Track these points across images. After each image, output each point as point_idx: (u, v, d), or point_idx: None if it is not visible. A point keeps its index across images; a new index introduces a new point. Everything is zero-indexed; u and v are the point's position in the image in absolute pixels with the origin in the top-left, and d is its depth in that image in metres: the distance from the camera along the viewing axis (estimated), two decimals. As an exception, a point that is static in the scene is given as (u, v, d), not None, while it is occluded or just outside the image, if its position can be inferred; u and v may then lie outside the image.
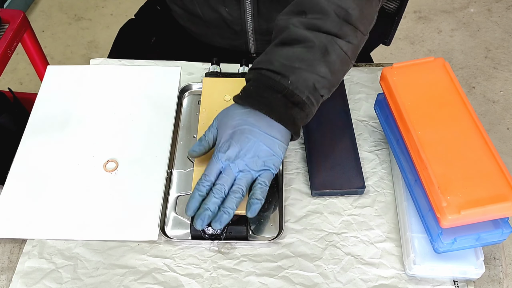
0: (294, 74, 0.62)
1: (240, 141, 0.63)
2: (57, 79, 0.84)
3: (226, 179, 0.63)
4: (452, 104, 0.65)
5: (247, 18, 0.85)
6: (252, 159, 0.63)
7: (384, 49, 1.90)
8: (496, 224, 0.59)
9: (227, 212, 0.62)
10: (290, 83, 0.62)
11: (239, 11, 0.85)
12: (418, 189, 0.64)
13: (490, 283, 0.65)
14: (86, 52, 2.00)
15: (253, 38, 0.90)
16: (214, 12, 0.87)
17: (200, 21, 0.92)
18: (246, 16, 0.85)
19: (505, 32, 2.06)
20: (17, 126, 1.29)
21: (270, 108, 0.63)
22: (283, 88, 0.62)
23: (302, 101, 0.63)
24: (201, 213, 0.62)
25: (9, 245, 0.68)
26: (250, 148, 0.63)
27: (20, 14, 1.20)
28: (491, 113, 1.81)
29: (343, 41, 0.64)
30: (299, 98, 0.62)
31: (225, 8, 0.85)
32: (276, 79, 0.63)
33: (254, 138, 0.63)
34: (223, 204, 0.63)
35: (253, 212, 0.62)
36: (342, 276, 0.64)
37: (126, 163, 0.74)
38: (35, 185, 0.72)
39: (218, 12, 0.86)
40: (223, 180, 0.63)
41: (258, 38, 0.90)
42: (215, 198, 0.62)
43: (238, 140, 0.63)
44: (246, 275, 0.64)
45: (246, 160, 0.63)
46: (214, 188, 0.63)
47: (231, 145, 0.64)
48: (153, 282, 0.64)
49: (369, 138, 0.77)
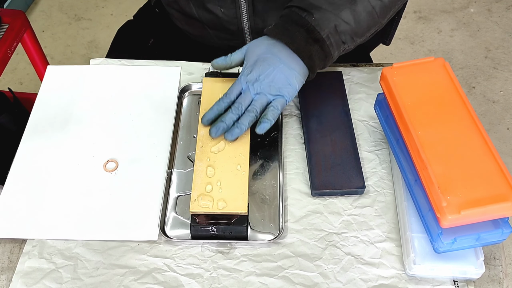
0: (319, 12, 0.69)
1: (261, 67, 0.71)
2: (57, 79, 0.84)
3: (244, 99, 0.71)
4: (452, 104, 0.65)
5: (243, 18, 0.86)
6: (269, 84, 0.70)
7: (384, 49, 1.90)
8: (496, 224, 0.59)
9: (240, 127, 0.69)
10: (314, 20, 0.69)
11: (235, 11, 0.85)
12: (418, 189, 0.64)
13: (490, 283, 0.65)
14: (86, 52, 2.00)
15: (250, 38, 0.90)
16: (209, 13, 0.87)
17: (197, 23, 0.92)
18: (241, 15, 0.85)
19: (505, 32, 2.06)
20: (17, 126, 1.29)
21: (291, 39, 0.69)
22: (306, 23, 0.69)
23: (321, 39, 0.69)
24: (217, 124, 0.70)
25: (9, 245, 0.68)
26: (269, 74, 0.70)
27: (20, 14, 1.20)
28: (491, 113, 1.81)
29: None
30: (319, 35, 0.69)
31: (220, 9, 0.85)
32: (302, 15, 0.70)
33: (273, 65, 0.70)
34: (237, 120, 0.70)
35: (261, 129, 0.69)
36: (342, 276, 0.64)
37: (126, 163, 0.74)
38: (35, 185, 0.72)
39: (214, 13, 0.86)
40: (242, 100, 0.71)
41: (255, 37, 0.90)
42: (232, 114, 0.70)
43: (260, 66, 0.71)
44: (246, 275, 0.64)
45: (263, 84, 0.70)
46: (232, 106, 0.71)
47: (253, 70, 0.71)
48: (153, 282, 0.64)
49: (369, 138, 0.77)
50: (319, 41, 0.69)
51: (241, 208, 0.66)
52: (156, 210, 0.69)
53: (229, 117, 0.70)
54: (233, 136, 0.70)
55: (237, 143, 0.71)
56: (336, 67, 0.86)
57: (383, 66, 0.84)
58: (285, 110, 0.80)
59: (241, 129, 0.69)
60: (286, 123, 0.79)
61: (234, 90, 0.72)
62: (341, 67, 0.86)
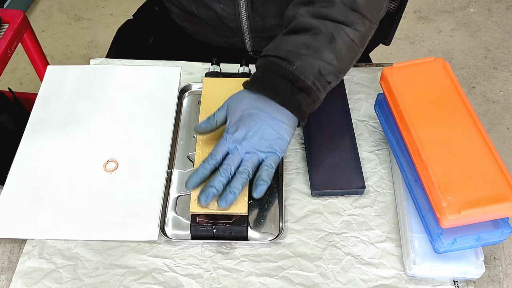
0: (299, 59, 0.64)
1: (248, 124, 0.66)
2: (57, 79, 0.84)
3: (233, 159, 0.65)
4: (452, 104, 0.65)
5: (242, 15, 0.86)
6: (259, 141, 0.65)
7: (384, 49, 1.90)
8: (496, 224, 0.59)
9: (233, 192, 0.63)
10: (296, 69, 0.64)
11: (233, 7, 0.85)
12: (418, 189, 0.64)
13: (490, 283, 0.65)
14: (86, 52, 2.00)
15: (249, 36, 0.90)
16: (208, 9, 0.87)
17: (196, 20, 0.92)
18: (240, 12, 0.85)
19: (505, 32, 2.06)
20: (17, 126, 1.29)
21: (275, 93, 0.65)
22: (288, 73, 0.64)
23: (307, 86, 0.64)
24: (205, 190, 0.64)
25: (9, 245, 0.68)
26: (257, 130, 0.65)
27: (20, 14, 1.20)
28: (491, 113, 1.81)
29: (349, 29, 0.66)
30: (304, 83, 0.64)
31: (219, 5, 0.85)
32: (282, 65, 0.65)
33: (261, 121, 0.65)
34: (229, 184, 0.64)
35: (259, 193, 0.64)
36: (342, 276, 0.64)
37: (126, 163, 0.74)
38: (35, 185, 0.72)
39: (213, 9, 0.86)
40: (230, 161, 0.65)
41: (254, 35, 0.90)
42: (221, 177, 0.64)
43: (245, 123, 0.66)
44: (246, 275, 0.64)
45: (253, 142, 0.65)
46: (220, 168, 0.65)
47: (238, 128, 0.66)
48: (153, 282, 0.64)
49: (369, 138, 0.77)
50: (305, 89, 0.64)
51: (241, 208, 0.66)
52: (156, 210, 0.69)
53: (218, 180, 0.63)
54: (227, 203, 0.63)
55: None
56: (336, 67, 0.86)
57: (383, 66, 0.84)
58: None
59: (235, 193, 0.63)
60: (286, 123, 0.79)
61: (219, 150, 0.66)
62: (341, 67, 0.86)
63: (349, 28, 0.66)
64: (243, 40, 0.91)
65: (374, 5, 0.68)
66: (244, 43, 0.92)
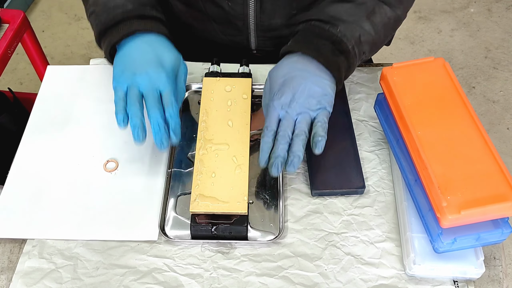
0: (343, 24, 0.69)
1: (292, 86, 0.67)
2: (57, 79, 0.84)
3: (287, 124, 0.66)
4: (452, 104, 0.65)
5: (250, 13, 0.86)
6: (307, 100, 0.66)
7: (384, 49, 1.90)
8: (496, 224, 0.59)
9: (297, 156, 0.64)
10: (339, 31, 0.68)
11: (242, 6, 0.85)
12: (418, 189, 0.64)
13: (490, 283, 0.65)
14: (86, 52, 2.00)
15: (255, 35, 0.90)
16: (216, 7, 0.87)
17: (202, 16, 0.92)
18: (248, 11, 0.85)
19: (505, 32, 2.06)
20: (17, 126, 1.29)
21: (318, 52, 0.67)
22: (331, 35, 0.68)
23: (347, 50, 0.68)
24: (273, 162, 0.64)
25: (9, 245, 0.68)
26: (303, 90, 0.66)
27: (20, 14, 1.20)
28: (491, 113, 1.81)
29: (388, 8, 0.72)
30: (346, 46, 0.68)
31: (228, 3, 0.85)
32: (325, 27, 0.69)
33: (305, 81, 0.67)
34: (290, 149, 0.65)
35: (319, 149, 0.65)
36: (342, 276, 0.64)
37: (126, 163, 0.74)
38: (35, 185, 0.72)
39: (221, 7, 0.86)
40: (285, 126, 0.66)
41: (260, 34, 0.90)
42: (282, 145, 0.65)
43: (290, 86, 0.67)
44: (246, 275, 0.64)
45: (301, 103, 0.66)
46: (278, 136, 0.65)
47: (284, 92, 0.67)
48: (153, 282, 0.64)
49: (369, 138, 0.77)
50: (344, 52, 0.68)
51: (241, 208, 0.66)
52: (156, 210, 0.69)
53: (280, 148, 0.64)
54: (295, 168, 0.64)
55: (237, 143, 0.71)
56: (336, 67, 0.86)
57: (383, 66, 0.84)
58: (285, 110, 0.80)
59: (299, 157, 0.64)
60: (286, 123, 0.79)
61: (272, 119, 0.67)
62: (341, 67, 0.86)
63: (388, 8, 0.72)
64: (248, 38, 0.91)
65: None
66: (249, 42, 0.92)
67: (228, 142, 0.71)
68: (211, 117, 0.74)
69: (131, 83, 0.68)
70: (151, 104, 0.67)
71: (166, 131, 0.67)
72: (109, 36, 0.72)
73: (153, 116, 0.66)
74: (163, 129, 0.67)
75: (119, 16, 0.72)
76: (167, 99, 0.68)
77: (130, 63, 0.70)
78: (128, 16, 0.72)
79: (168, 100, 0.68)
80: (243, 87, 0.78)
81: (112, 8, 0.73)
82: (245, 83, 0.78)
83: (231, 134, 0.72)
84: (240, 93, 0.77)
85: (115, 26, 0.72)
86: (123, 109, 0.67)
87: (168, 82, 0.69)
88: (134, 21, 0.72)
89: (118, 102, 0.68)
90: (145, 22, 0.73)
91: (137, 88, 0.68)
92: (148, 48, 0.71)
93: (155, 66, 0.69)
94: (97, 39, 0.75)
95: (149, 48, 0.71)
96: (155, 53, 0.71)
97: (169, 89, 0.69)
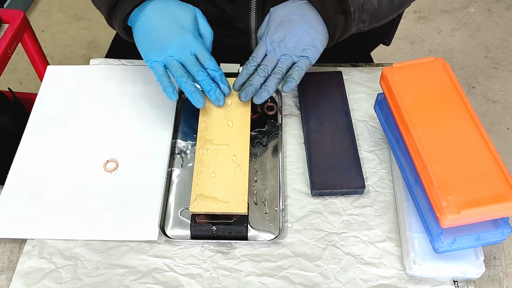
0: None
1: (287, 28, 0.71)
2: (57, 79, 0.84)
3: (270, 60, 0.72)
4: (452, 104, 0.65)
5: (251, 16, 0.86)
6: (295, 46, 0.71)
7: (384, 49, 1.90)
8: (496, 224, 0.59)
9: (268, 90, 0.71)
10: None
11: (244, 8, 0.85)
12: (418, 189, 0.64)
13: (490, 283, 0.65)
14: (86, 52, 2.00)
15: (256, 37, 0.90)
16: (218, 9, 0.87)
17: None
18: (250, 14, 0.85)
19: (505, 32, 2.06)
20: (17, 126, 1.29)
21: (322, 5, 0.71)
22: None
23: (349, 11, 0.71)
24: (246, 88, 0.71)
25: (9, 245, 0.68)
26: (294, 35, 0.71)
27: (20, 14, 1.20)
28: (491, 113, 1.81)
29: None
30: (348, 8, 0.71)
31: (230, 5, 0.85)
32: None
33: (299, 27, 0.71)
34: (264, 83, 0.71)
35: (288, 88, 0.70)
36: (342, 276, 0.64)
37: (126, 163, 0.74)
38: (35, 185, 0.72)
39: (223, 10, 0.86)
40: (268, 62, 0.72)
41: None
42: (259, 76, 0.71)
43: (285, 26, 0.71)
44: (246, 275, 0.64)
45: (289, 46, 0.71)
46: (259, 68, 0.72)
47: (278, 30, 0.72)
48: (153, 282, 0.64)
49: (369, 138, 0.77)
50: (345, 13, 0.72)
51: (241, 208, 0.66)
52: (156, 210, 0.69)
53: (256, 79, 0.71)
54: (261, 100, 0.71)
55: (237, 143, 0.71)
56: (336, 67, 0.86)
57: (383, 66, 0.84)
58: (285, 110, 0.80)
59: (269, 92, 0.71)
60: (286, 123, 0.79)
61: (259, 51, 0.73)
62: (341, 67, 0.86)
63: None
64: (249, 40, 0.91)
65: None
66: (250, 44, 0.92)
67: (228, 142, 0.71)
68: (211, 117, 0.74)
69: (166, 58, 0.71)
70: (193, 68, 0.71)
71: (217, 87, 0.72)
72: (120, 10, 0.73)
73: (201, 78, 0.71)
74: (214, 86, 0.71)
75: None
76: (202, 57, 0.72)
77: (153, 36, 0.72)
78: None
79: (204, 57, 0.72)
80: (243, 87, 0.78)
81: None
82: (245, 83, 0.78)
83: (231, 134, 0.72)
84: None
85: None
86: (169, 83, 0.71)
87: (196, 41, 0.72)
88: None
89: (161, 78, 0.71)
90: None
91: (173, 59, 0.71)
92: (163, 15, 0.73)
93: (179, 31, 0.72)
94: (108, 18, 0.76)
95: (164, 15, 0.73)
96: (171, 17, 0.72)
97: (201, 47, 0.72)
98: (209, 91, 0.71)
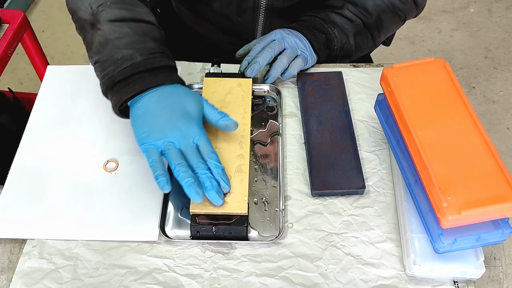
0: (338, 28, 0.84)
1: (290, 37, 0.81)
2: (57, 79, 0.84)
3: (278, 43, 0.79)
4: (452, 104, 0.65)
5: (258, 29, 0.88)
6: (297, 44, 0.81)
7: (384, 49, 1.90)
8: (496, 224, 0.59)
9: (258, 62, 0.77)
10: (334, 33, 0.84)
11: (251, 22, 0.86)
12: (418, 189, 0.64)
13: (490, 283, 0.65)
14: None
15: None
16: (226, 19, 0.88)
17: (210, 26, 0.92)
18: (257, 26, 0.87)
19: (505, 32, 2.06)
20: (17, 126, 1.29)
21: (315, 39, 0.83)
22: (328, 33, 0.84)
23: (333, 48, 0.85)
24: (251, 65, 0.78)
25: (9, 245, 0.68)
26: (295, 41, 0.81)
27: (20, 14, 1.20)
28: (491, 113, 1.81)
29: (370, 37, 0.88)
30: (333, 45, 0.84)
31: (238, 18, 0.86)
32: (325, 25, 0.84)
33: (296, 41, 0.81)
34: (271, 63, 0.80)
35: (288, 75, 0.81)
36: (342, 276, 0.64)
37: (126, 163, 0.74)
38: (35, 185, 0.72)
39: (230, 20, 0.87)
40: (275, 44, 0.79)
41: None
42: (266, 55, 0.78)
43: (289, 35, 0.81)
44: (246, 275, 0.64)
45: (293, 40, 0.81)
46: (267, 46, 0.79)
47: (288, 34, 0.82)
48: (153, 282, 0.64)
49: (369, 138, 0.77)
50: (330, 49, 0.84)
51: (241, 208, 0.66)
52: (156, 210, 0.69)
53: (263, 57, 0.77)
54: (253, 73, 0.77)
55: (237, 144, 0.71)
56: (336, 67, 0.86)
57: (383, 66, 0.84)
58: (285, 110, 0.80)
59: (260, 65, 0.77)
60: (286, 123, 0.79)
61: (270, 35, 0.81)
62: (341, 67, 0.86)
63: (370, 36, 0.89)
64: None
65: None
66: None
67: (229, 142, 0.71)
68: (211, 117, 0.73)
69: (164, 142, 0.65)
70: (194, 159, 0.65)
71: (217, 184, 0.65)
72: (119, 92, 0.67)
73: (201, 172, 0.64)
74: (215, 183, 0.65)
75: (128, 71, 0.67)
76: (205, 149, 0.66)
77: (154, 121, 0.66)
78: (139, 71, 0.67)
79: (206, 149, 0.66)
80: (243, 88, 0.78)
81: (119, 60, 0.68)
82: (246, 84, 0.78)
83: (231, 134, 0.72)
84: (240, 94, 0.77)
85: (124, 81, 0.67)
86: (164, 170, 0.64)
87: (201, 132, 0.67)
88: (145, 76, 0.67)
89: (155, 164, 0.64)
90: (157, 75, 0.68)
91: (173, 146, 0.65)
92: (168, 101, 0.67)
93: (183, 118, 0.66)
94: (104, 91, 0.70)
95: (170, 101, 0.67)
96: (177, 104, 0.67)
97: (204, 138, 0.66)
98: (207, 187, 0.64)
